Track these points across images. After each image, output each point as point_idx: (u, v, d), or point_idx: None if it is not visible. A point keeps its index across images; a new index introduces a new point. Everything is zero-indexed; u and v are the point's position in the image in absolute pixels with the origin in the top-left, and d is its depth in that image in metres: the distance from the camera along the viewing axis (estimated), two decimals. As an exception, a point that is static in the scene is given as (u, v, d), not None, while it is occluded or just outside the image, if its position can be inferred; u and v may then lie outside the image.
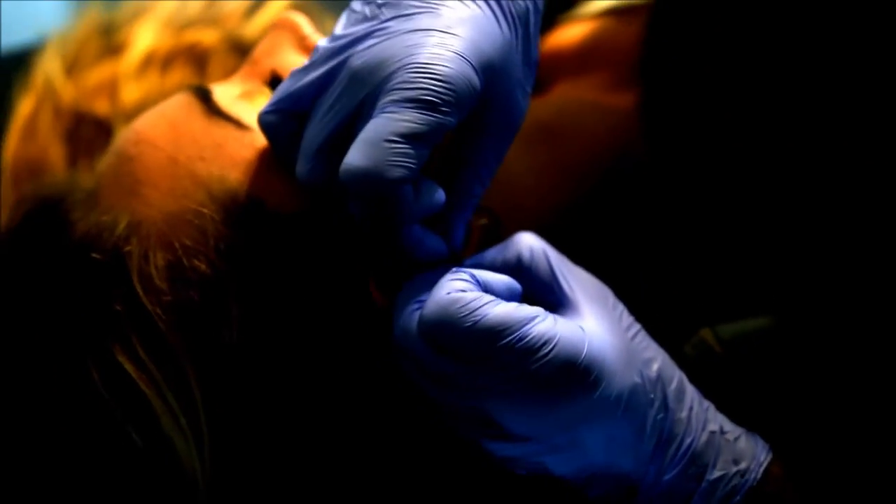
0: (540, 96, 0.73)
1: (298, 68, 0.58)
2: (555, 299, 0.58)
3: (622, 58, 0.74)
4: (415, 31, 0.55)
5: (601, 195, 0.70)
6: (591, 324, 0.56)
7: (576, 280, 0.58)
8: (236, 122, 0.61)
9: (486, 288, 0.55)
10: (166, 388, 0.58)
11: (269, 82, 0.64)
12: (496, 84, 0.56)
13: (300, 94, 0.58)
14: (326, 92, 0.57)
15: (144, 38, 0.92)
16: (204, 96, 0.63)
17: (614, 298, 0.59)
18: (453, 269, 0.55)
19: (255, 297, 0.58)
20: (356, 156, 0.53)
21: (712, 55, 0.67)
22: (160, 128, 0.62)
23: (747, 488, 0.58)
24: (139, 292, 0.58)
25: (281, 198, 0.59)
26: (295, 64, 0.64)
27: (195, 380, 0.58)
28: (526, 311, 0.54)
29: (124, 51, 0.91)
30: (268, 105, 0.59)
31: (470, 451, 0.58)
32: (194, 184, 0.60)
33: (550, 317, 0.55)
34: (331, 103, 0.56)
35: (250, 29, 0.95)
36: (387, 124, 0.53)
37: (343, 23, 0.58)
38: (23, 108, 0.89)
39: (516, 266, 0.58)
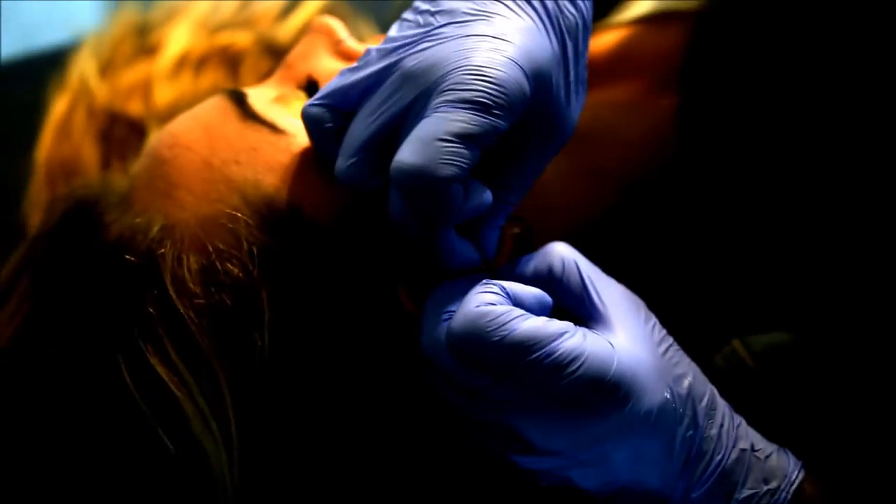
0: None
1: (349, 67, 0.59)
2: (586, 312, 0.57)
3: (654, 65, 0.73)
4: (469, 37, 0.55)
5: (633, 201, 0.70)
6: (622, 339, 0.56)
7: (608, 292, 0.58)
8: (271, 126, 0.61)
9: (516, 301, 0.55)
10: (197, 391, 0.58)
11: (305, 87, 0.64)
12: (544, 94, 0.56)
13: (348, 91, 0.58)
14: (376, 91, 0.57)
15: (178, 40, 0.92)
16: (239, 100, 0.63)
17: (647, 311, 0.59)
18: (484, 281, 0.55)
19: (287, 302, 0.58)
20: (408, 153, 0.53)
21: (755, 65, 0.67)
22: (195, 131, 0.62)
23: None
24: (172, 295, 0.58)
25: (316, 203, 0.59)
26: (330, 68, 0.65)
27: (226, 383, 0.58)
28: (555, 326, 0.54)
29: (158, 52, 0.91)
30: (314, 98, 0.59)
31: (495, 460, 0.58)
32: (228, 188, 0.60)
33: (580, 332, 0.55)
34: (380, 102, 0.56)
35: (283, 31, 0.96)
36: (440, 123, 0.53)
37: (394, 29, 0.59)
38: (57, 107, 0.90)
39: (548, 277, 0.58)
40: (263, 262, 0.58)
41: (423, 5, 0.59)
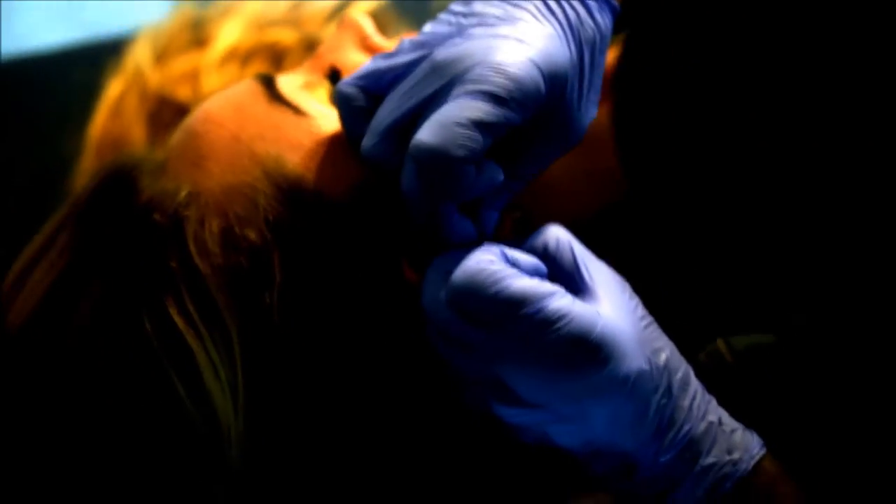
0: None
1: (382, 54, 0.64)
2: (576, 286, 0.62)
3: None
4: (495, 37, 0.60)
5: (631, 202, 0.74)
6: (607, 309, 0.60)
7: (597, 271, 0.62)
8: (295, 109, 0.67)
9: (513, 264, 0.60)
10: (210, 343, 0.63)
11: (329, 76, 0.70)
12: (558, 95, 0.61)
13: (380, 75, 0.63)
14: (406, 78, 0.62)
15: (229, 34, 0.98)
16: (268, 83, 0.68)
17: (631, 291, 0.63)
18: (485, 245, 0.60)
19: (297, 266, 0.63)
20: (428, 133, 0.58)
21: (686, 66, 0.71)
22: (226, 109, 0.68)
23: (738, 477, 0.62)
24: (193, 253, 0.63)
25: (331, 180, 0.65)
26: (356, 61, 0.70)
27: (237, 338, 0.63)
28: (546, 287, 0.59)
29: (209, 44, 0.98)
30: (349, 78, 0.64)
31: (482, 419, 0.62)
32: (252, 161, 0.65)
33: (569, 296, 0.59)
34: (408, 88, 0.62)
35: (328, 32, 1.02)
36: (458, 109, 0.58)
37: (428, 26, 0.64)
38: (112, 89, 0.96)
39: (542, 252, 0.62)
40: (278, 229, 0.64)
41: (457, 7, 0.64)
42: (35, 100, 1.03)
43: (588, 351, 0.59)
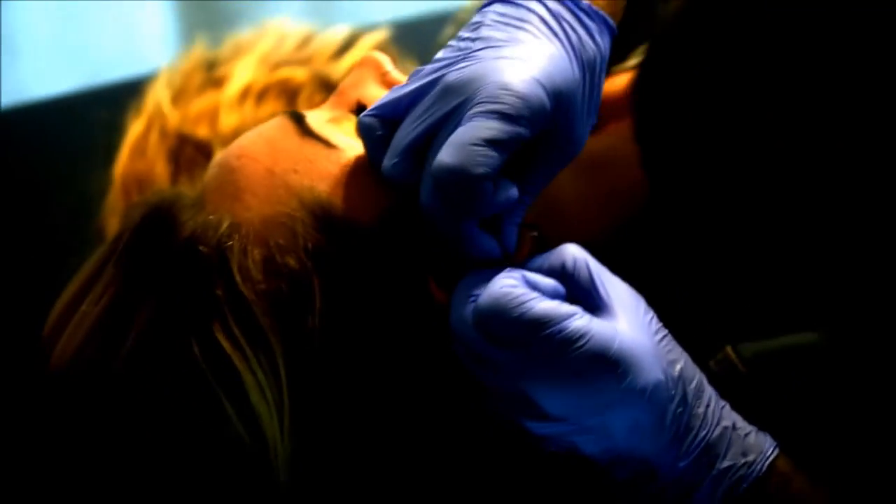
0: (593, 134, 0.82)
1: (398, 86, 0.69)
2: (593, 303, 0.65)
3: None
4: (502, 59, 0.65)
5: (641, 220, 0.79)
6: (624, 325, 0.64)
7: (612, 288, 0.66)
8: (325, 142, 0.71)
9: (533, 287, 0.64)
10: (257, 364, 0.67)
11: (355, 111, 0.74)
12: (562, 112, 0.65)
13: (397, 103, 0.68)
14: (421, 101, 0.67)
15: (243, 73, 1.02)
16: (298, 119, 0.73)
17: (646, 306, 0.67)
18: (507, 269, 0.64)
19: (335, 289, 0.68)
20: (447, 154, 0.63)
21: (702, 82, 0.76)
22: (259, 144, 0.72)
23: (753, 478, 0.66)
24: (238, 281, 0.67)
25: (360, 207, 0.69)
26: (377, 96, 0.74)
27: (282, 359, 0.67)
28: (566, 308, 0.63)
29: (225, 83, 1.02)
30: (369, 110, 0.69)
31: (510, 430, 0.66)
32: (287, 192, 0.70)
33: (587, 315, 0.63)
34: (423, 111, 0.66)
35: (337, 69, 1.06)
36: (473, 130, 0.63)
37: (440, 53, 0.68)
38: (133, 129, 1.00)
39: (560, 271, 0.66)
40: (316, 256, 0.68)
41: (465, 34, 0.68)
42: (57, 141, 1.07)
43: (607, 366, 0.63)
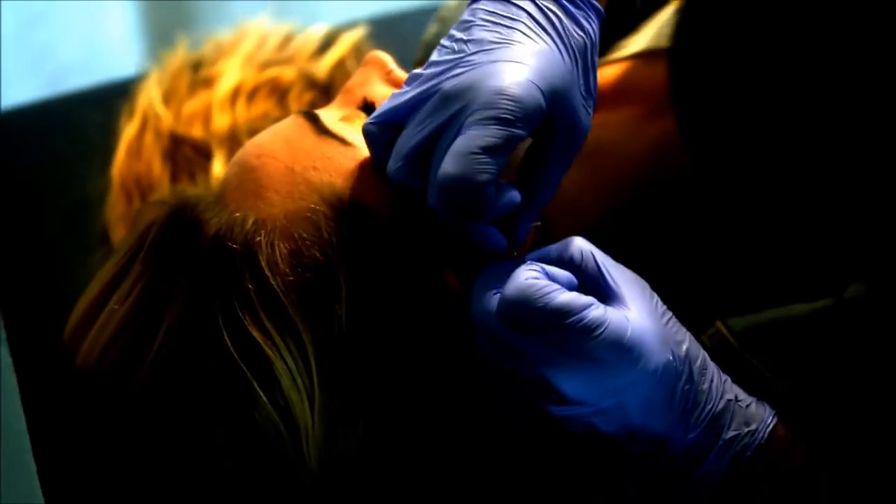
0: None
1: (398, 91, 0.71)
2: (603, 293, 0.69)
3: (648, 93, 0.87)
4: (494, 62, 0.67)
5: (635, 206, 0.83)
6: (634, 312, 0.68)
7: (619, 275, 0.70)
8: (341, 140, 0.74)
9: (552, 279, 0.68)
10: (287, 353, 0.70)
11: (363, 107, 0.77)
12: (560, 105, 0.68)
13: (397, 110, 0.70)
14: (420, 109, 0.69)
15: (232, 74, 1.05)
16: (313, 119, 0.76)
17: (650, 290, 0.71)
18: (528, 262, 0.68)
19: (359, 279, 0.71)
20: (450, 165, 0.65)
21: (735, 75, 0.79)
22: (278, 143, 0.75)
23: (756, 445, 0.70)
24: (267, 274, 0.71)
25: (378, 200, 0.72)
26: (382, 93, 0.78)
27: (311, 346, 0.70)
28: (584, 299, 0.67)
29: (214, 84, 1.05)
30: (371, 117, 0.72)
31: (533, 412, 0.70)
32: (308, 188, 0.73)
33: (602, 306, 0.67)
34: (423, 117, 0.69)
35: (320, 67, 1.09)
36: (473, 139, 0.65)
37: (434, 55, 0.71)
38: (128, 130, 1.03)
39: (570, 263, 0.70)
40: (340, 248, 0.71)
41: (457, 34, 0.70)
42: (51, 144, 1.09)
43: (622, 352, 0.67)
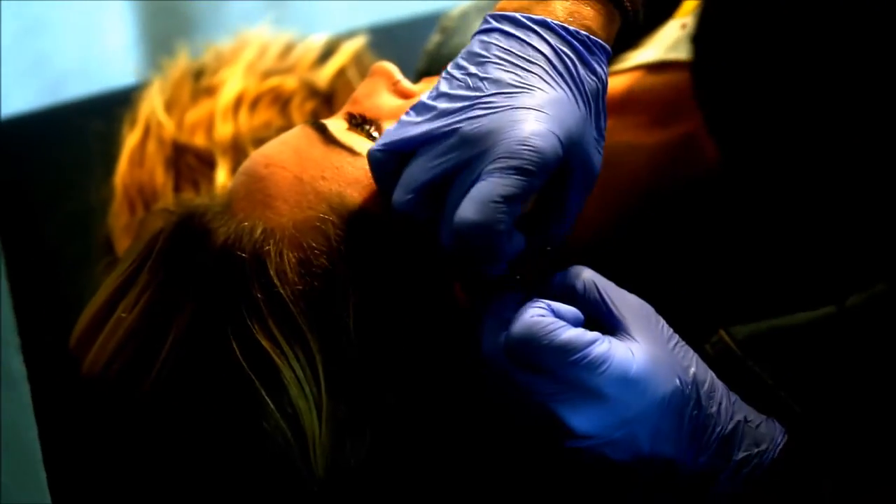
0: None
1: (406, 119, 0.71)
2: (607, 322, 0.70)
3: (654, 104, 0.87)
4: (517, 109, 0.68)
5: (638, 215, 0.84)
6: (639, 343, 0.69)
7: (623, 304, 0.70)
8: (350, 150, 0.75)
9: (557, 315, 0.68)
10: (295, 361, 0.71)
11: (357, 124, 0.77)
12: (575, 150, 0.69)
13: (408, 141, 0.70)
14: (435, 144, 0.69)
15: (234, 83, 1.05)
16: (321, 129, 0.76)
17: (656, 315, 0.71)
18: (534, 299, 0.68)
19: (367, 288, 0.72)
20: (471, 211, 0.66)
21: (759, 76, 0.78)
22: (286, 153, 0.76)
23: (767, 464, 0.70)
24: (276, 283, 0.71)
25: (387, 211, 0.72)
26: (389, 104, 0.78)
27: (319, 354, 0.71)
28: (589, 335, 0.67)
29: (216, 93, 1.05)
30: (379, 144, 0.71)
31: (542, 440, 0.70)
32: (317, 198, 0.73)
33: (607, 340, 0.68)
34: (438, 153, 0.68)
35: (321, 76, 1.10)
36: (494, 188, 0.65)
37: (444, 84, 0.71)
38: (130, 139, 1.03)
39: (572, 294, 0.71)
40: (348, 257, 0.72)
41: (470, 68, 0.70)
42: (51, 152, 1.09)
43: (628, 386, 0.67)
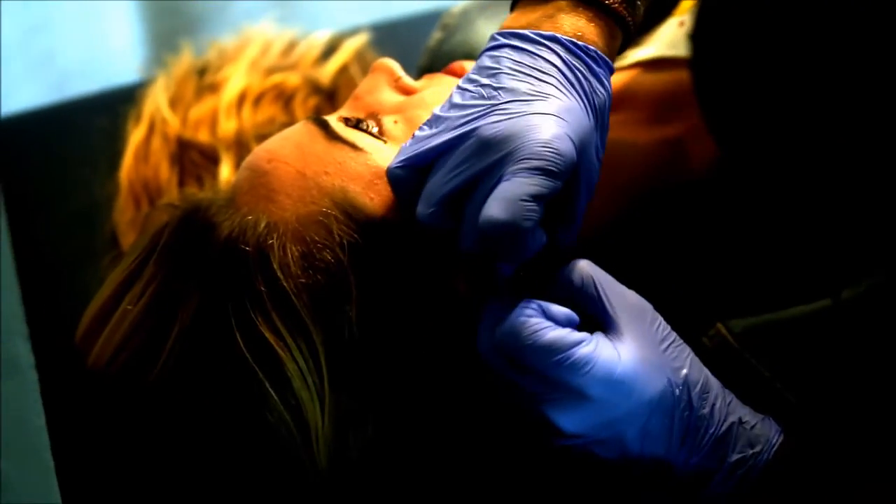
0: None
1: (421, 134, 0.72)
2: (601, 319, 0.71)
3: (651, 101, 0.89)
4: (535, 114, 0.69)
5: (636, 210, 0.85)
6: (628, 343, 0.70)
7: (619, 301, 0.72)
8: (352, 145, 0.76)
9: (548, 316, 0.69)
10: (298, 353, 0.72)
11: (354, 124, 0.77)
12: (584, 158, 0.70)
13: (426, 154, 0.72)
14: (453, 152, 0.70)
15: (237, 80, 1.06)
16: (323, 125, 0.77)
17: (653, 313, 0.72)
18: (525, 301, 0.70)
19: (370, 282, 0.73)
20: (497, 210, 0.67)
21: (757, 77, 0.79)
22: (288, 148, 0.77)
23: (761, 466, 0.71)
24: (279, 276, 0.72)
25: (389, 205, 0.74)
26: (391, 100, 0.79)
27: (322, 346, 0.72)
28: (574, 337, 0.69)
29: (220, 89, 1.06)
30: (397, 161, 0.73)
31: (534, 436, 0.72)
32: (320, 193, 0.74)
33: (594, 341, 0.69)
34: (458, 162, 0.70)
35: (324, 73, 1.11)
36: (520, 187, 0.67)
37: (457, 96, 0.72)
38: (135, 135, 1.04)
39: (570, 288, 0.72)
40: (351, 251, 0.73)
41: (482, 80, 0.72)
42: (57, 148, 1.11)
43: (613, 388, 0.68)
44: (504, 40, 0.73)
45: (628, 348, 0.70)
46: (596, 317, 0.71)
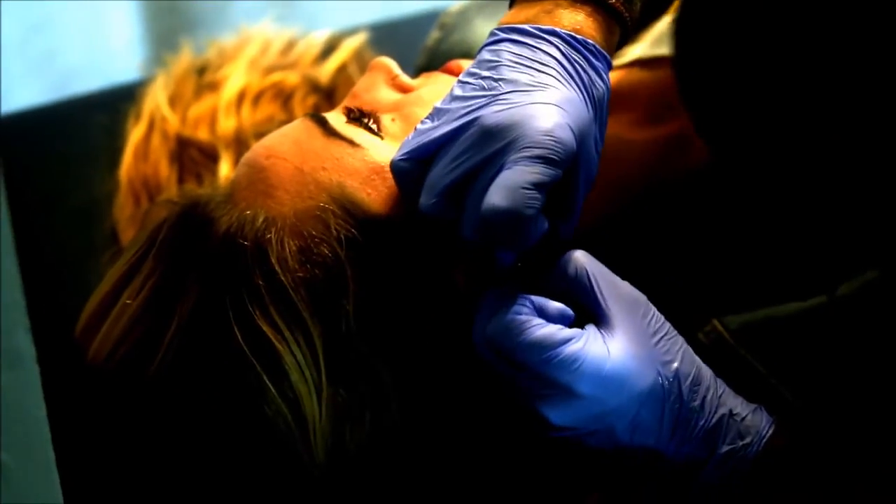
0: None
1: (423, 127, 0.73)
2: (593, 311, 0.72)
3: (646, 99, 0.90)
4: (535, 104, 0.70)
5: (632, 208, 0.86)
6: (618, 338, 0.70)
7: (613, 293, 0.72)
8: (350, 141, 0.77)
9: (540, 312, 0.70)
10: (296, 346, 0.72)
11: (356, 118, 0.78)
12: (584, 148, 0.71)
13: (427, 146, 0.72)
14: (455, 142, 0.71)
15: (237, 78, 1.07)
16: (321, 121, 0.78)
17: (646, 305, 0.73)
18: (519, 297, 0.70)
19: (367, 275, 0.73)
20: (499, 198, 0.67)
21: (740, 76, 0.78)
22: (286, 144, 0.78)
23: (752, 457, 0.72)
24: (277, 270, 0.73)
25: (386, 200, 0.75)
26: (388, 98, 0.80)
27: (319, 340, 0.73)
28: (564, 334, 0.69)
29: (219, 88, 1.07)
30: (400, 154, 0.73)
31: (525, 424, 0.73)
32: (318, 188, 0.75)
33: (583, 338, 0.69)
34: (460, 152, 0.70)
35: (323, 72, 1.12)
36: (521, 175, 0.68)
37: (457, 89, 0.73)
38: (135, 133, 1.05)
39: (565, 279, 0.72)
40: (349, 245, 0.74)
41: (483, 72, 0.73)
42: (58, 146, 1.12)
43: (602, 383, 0.69)
44: (503, 35, 0.74)
45: (618, 343, 0.70)
46: (589, 308, 0.72)
